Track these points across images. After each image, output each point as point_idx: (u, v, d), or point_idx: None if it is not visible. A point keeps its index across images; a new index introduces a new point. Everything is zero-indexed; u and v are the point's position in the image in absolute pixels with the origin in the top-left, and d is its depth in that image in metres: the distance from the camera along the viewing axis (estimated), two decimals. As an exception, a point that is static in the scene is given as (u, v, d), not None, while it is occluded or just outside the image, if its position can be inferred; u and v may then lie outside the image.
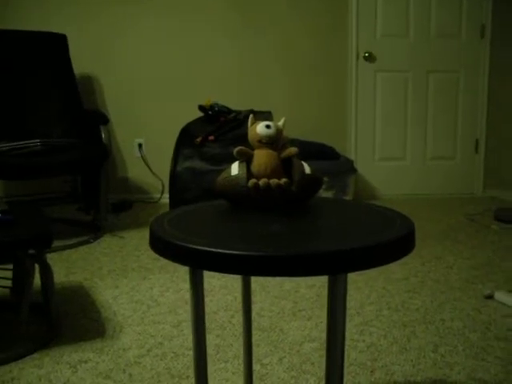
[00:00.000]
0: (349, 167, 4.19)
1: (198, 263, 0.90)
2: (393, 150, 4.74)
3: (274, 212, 1.15)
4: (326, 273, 0.84)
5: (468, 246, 3.27)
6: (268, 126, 1.27)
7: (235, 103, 4.34)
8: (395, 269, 2.88)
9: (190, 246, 0.91)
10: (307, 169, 1.24)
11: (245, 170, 1.20)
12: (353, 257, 0.86)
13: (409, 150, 4.75)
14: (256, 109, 4.32)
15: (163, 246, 0.99)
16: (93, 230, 3.65)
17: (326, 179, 4.02)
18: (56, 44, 3.99)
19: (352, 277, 2.76)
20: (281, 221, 1.07)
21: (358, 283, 2.67)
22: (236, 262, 0.85)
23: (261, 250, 0.86)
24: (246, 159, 1.24)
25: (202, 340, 1.07)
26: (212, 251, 0.88)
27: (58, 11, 4.30)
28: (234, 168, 1.23)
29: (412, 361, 1.91)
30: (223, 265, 0.87)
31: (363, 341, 2.07)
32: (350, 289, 2.60)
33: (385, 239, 0.90)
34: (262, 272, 0.84)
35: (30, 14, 4.27)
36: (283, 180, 1.19)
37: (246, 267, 0.85)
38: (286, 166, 1.24)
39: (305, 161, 1.26)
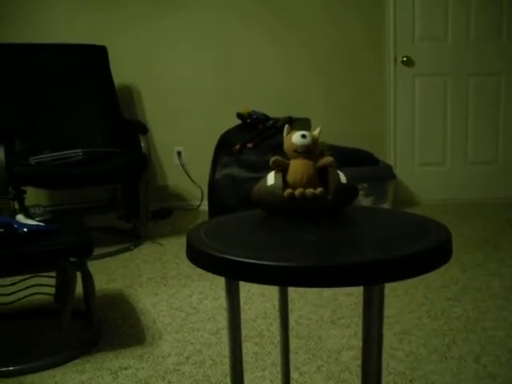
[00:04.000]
0: (388, 173, 4.15)
1: (233, 274, 0.91)
2: (433, 154, 4.68)
3: (309, 222, 1.15)
4: (359, 284, 0.85)
5: (510, 253, 3.20)
6: (304, 136, 1.27)
7: (273, 111, 4.35)
8: (435, 276, 2.85)
9: (226, 256, 0.92)
10: (343, 178, 1.24)
11: (281, 180, 1.21)
12: (387, 268, 0.85)
13: (449, 155, 4.69)
14: (294, 116, 4.32)
15: (199, 256, 1.00)
16: (133, 237, 3.70)
17: (364, 185, 3.99)
18: (96, 55, 4.08)
19: (391, 285, 2.73)
20: (316, 231, 1.07)
21: (398, 291, 2.65)
22: (270, 273, 0.86)
23: (294, 261, 0.86)
24: (282, 169, 1.24)
25: (237, 349, 1.08)
26: (247, 262, 0.89)
27: (100, 22, 4.39)
28: (270, 178, 1.24)
29: (452, 370, 1.88)
30: (258, 276, 0.87)
31: (402, 349, 2.05)
32: (390, 297, 2.58)
33: (420, 249, 0.89)
34: (296, 283, 0.85)
35: (72, 26, 4.37)
36: (318, 190, 1.19)
37: (280, 278, 0.86)
38: (321, 176, 1.25)
39: (343, 167, 1.26)
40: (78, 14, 4.38)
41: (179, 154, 4.62)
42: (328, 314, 2.40)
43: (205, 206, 4.48)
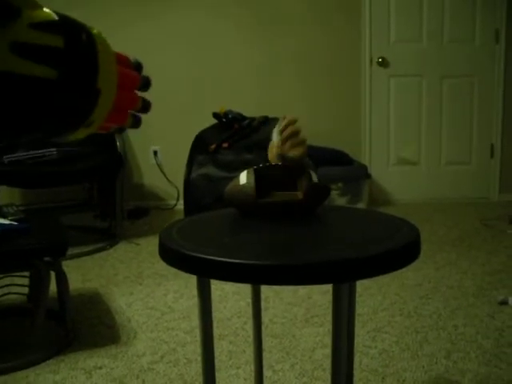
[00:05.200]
0: (363, 173, 4.19)
1: (203, 272, 0.92)
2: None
3: (280, 221, 1.17)
4: (327, 282, 0.86)
5: (483, 252, 3.26)
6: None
7: (250, 111, 4.36)
8: (409, 274, 2.88)
9: (196, 254, 0.93)
10: (314, 177, 1.26)
11: (253, 179, 1.22)
12: (354, 266, 0.87)
13: (423, 155, 4.74)
14: (270, 115, 4.34)
15: (171, 255, 1.01)
16: (109, 237, 3.69)
17: (339, 185, 4.03)
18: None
19: (365, 283, 2.76)
20: (286, 230, 1.09)
21: (371, 289, 2.68)
22: (239, 271, 0.87)
23: (263, 259, 0.87)
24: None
25: (210, 347, 1.09)
26: (216, 260, 0.90)
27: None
28: (243, 177, 1.25)
29: (424, 367, 1.91)
30: (227, 274, 0.89)
31: (375, 347, 2.08)
32: (363, 294, 2.61)
33: (387, 248, 0.91)
34: (265, 281, 0.86)
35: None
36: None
37: (249, 276, 0.87)
38: (294, 175, 1.26)
39: (319, 167, 1.28)
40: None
41: (155, 153, 4.61)
42: (302, 312, 2.42)
43: (181, 206, 4.48)
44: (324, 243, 0.98)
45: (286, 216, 1.22)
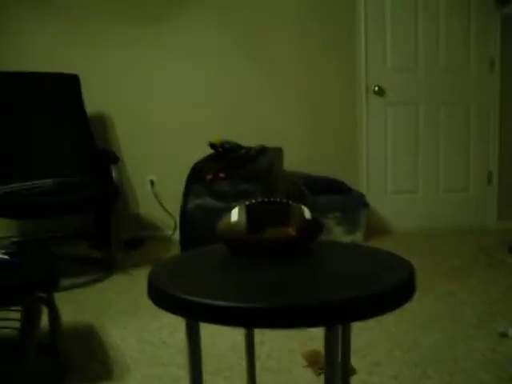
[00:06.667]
0: (360, 201, 4.17)
1: (192, 315, 0.90)
2: (405, 182, 4.72)
3: (272, 258, 1.14)
4: (316, 325, 0.83)
5: (482, 281, 3.22)
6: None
7: (246, 140, 4.35)
8: (407, 305, 2.84)
9: (183, 296, 0.91)
10: (307, 213, 1.24)
11: (244, 216, 1.20)
12: (345, 308, 0.85)
13: (421, 183, 4.73)
14: (267, 145, 4.33)
15: (160, 297, 0.98)
16: (104, 267, 3.65)
17: (337, 214, 4.00)
18: (68, 84, 4.06)
19: (363, 314, 2.72)
20: (278, 269, 1.06)
21: (369, 322, 2.64)
22: (227, 315, 0.85)
23: (251, 302, 0.85)
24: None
25: (200, 390, 1.06)
26: (204, 303, 0.87)
27: (69, 51, 4.38)
28: (234, 214, 1.23)
29: (423, 403, 1.87)
30: (215, 317, 0.86)
31: (373, 382, 2.03)
32: (360, 327, 2.57)
33: (380, 290, 0.88)
34: (253, 324, 0.84)
35: (42, 54, 4.36)
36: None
37: (236, 319, 0.84)
38: (286, 211, 1.24)
39: (315, 196, 1.26)
40: (56, 43, 4.37)
41: (152, 182, 4.59)
42: (299, 345, 2.38)
43: (178, 236, 4.44)
44: (315, 284, 0.95)
45: (278, 253, 1.19)
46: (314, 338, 2.46)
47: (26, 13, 4.35)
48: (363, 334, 2.49)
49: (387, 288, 0.89)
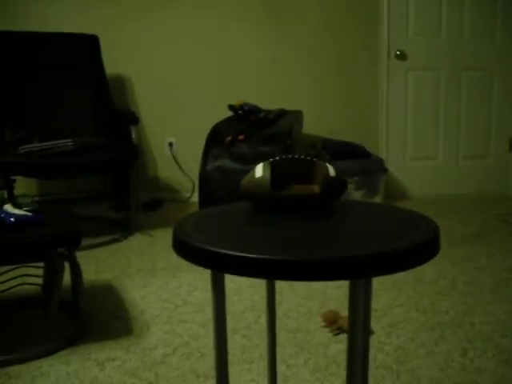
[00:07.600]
0: (379, 166, 4.15)
1: (218, 266, 0.90)
2: (425, 149, 4.68)
3: (296, 215, 1.15)
4: (343, 278, 0.84)
5: (500, 248, 3.21)
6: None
7: (266, 103, 4.33)
8: (425, 270, 2.85)
9: (211, 248, 0.91)
10: (332, 171, 1.23)
11: (268, 172, 1.20)
12: (371, 262, 0.85)
13: (441, 149, 4.69)
14: (287, 108, 4.31)
15: (185, 248, 0.99)
16: (123, 228, 3.69)
17: (356, 178, 3.99)
18: (88, 45, 4.05)
19: (380, 278, 2.74)
20: (302, 225, 1.07)
21: (387, 284, 2.65)
22: (254, 266, 0.85)
23: (278, 254, 0.85)
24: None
25: (223, 341, 1.07)
26: (231, 254, 0.88)
27: (92, 13, 4.36)
28: (259, 170, 1.23)
29: (439, 365, 1.89)
30: (242, 268, 0.87)
31: (390, 343, 2.05)
32: (378, 290, 2.58)
33: (406, 245, 0.89)
34: (280, 276, 0.84)
35: (64, 16, 4.34)
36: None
37: (264, 271, 0.85)
38: (310, 168, 1.24)
39: (335, 160, 1.25)
40: (80, 7, 4.34)
41: (171, 145, 4.60)
42: (317, 306, 2.40)
43: (196, 198, 4.46)
44: (341, 239, 0.96)
45: (301, 210, 1.19)
46: (332, 298, 2.48)
47: (46, -28, 4.32)
48: (380, 296, 2.50)
49: (414, 243, 0.89)
